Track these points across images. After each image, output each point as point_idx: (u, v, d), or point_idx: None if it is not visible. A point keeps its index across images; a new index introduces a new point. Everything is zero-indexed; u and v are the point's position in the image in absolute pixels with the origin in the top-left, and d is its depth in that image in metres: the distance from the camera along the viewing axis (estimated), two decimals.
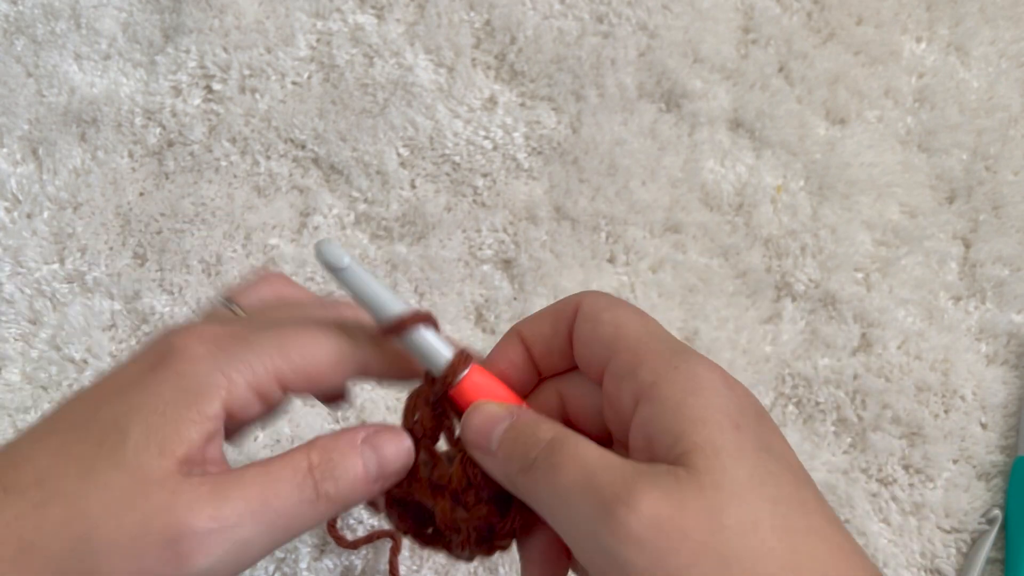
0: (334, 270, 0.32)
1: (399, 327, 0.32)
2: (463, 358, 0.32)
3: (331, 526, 0.49)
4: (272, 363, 0.29)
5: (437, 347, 0.32)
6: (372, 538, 0.49)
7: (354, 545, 0.49)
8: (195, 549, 0.26)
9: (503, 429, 0.30)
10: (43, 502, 0.26)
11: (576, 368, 0.32)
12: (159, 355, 0.29)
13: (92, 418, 0.28)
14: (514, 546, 0.34)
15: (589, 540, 0.26)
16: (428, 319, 0.32)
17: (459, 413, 0.32)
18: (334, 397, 0.36)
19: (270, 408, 0.31)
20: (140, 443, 0.27)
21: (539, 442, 0.28)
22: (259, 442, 0.52)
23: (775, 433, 0.28)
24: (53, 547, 0.26)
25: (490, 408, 0.31)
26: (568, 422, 0.32)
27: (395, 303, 0.32)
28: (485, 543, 0.33)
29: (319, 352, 0.30)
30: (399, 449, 0.31)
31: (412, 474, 0.32)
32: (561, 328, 0.31)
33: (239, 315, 0.34)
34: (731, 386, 0.28)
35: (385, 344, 0.32)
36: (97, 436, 0.27)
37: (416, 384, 0.34)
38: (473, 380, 0.32)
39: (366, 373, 0.32)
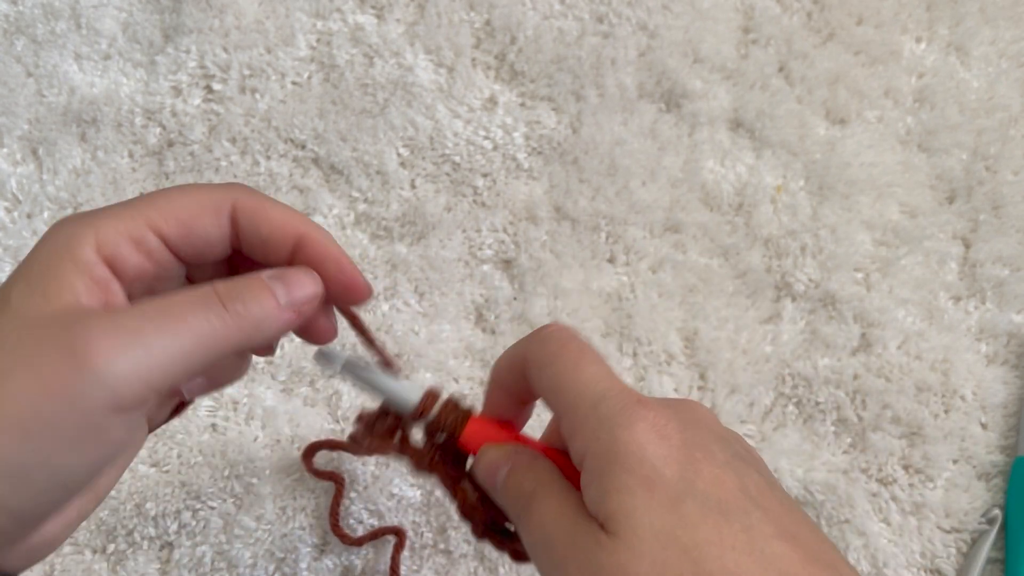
0: (332, 375, 0.35)
1: (423, 410, 0.36)
2: (461, 416, 0.36)
3: (334, 525, 0.49)
4: (140, 212, 0.30)
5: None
6: (376, 535, 0.49)
7: (358, 542, 0.49)
8: (97, 352, 0.26)
9: (504, 475, 0.33)
10: None
11: None
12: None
13: None
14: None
15: None
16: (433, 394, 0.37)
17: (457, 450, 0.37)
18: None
19: (154, 261, 0.31)
20: (23, 293, 0.28)
21: (523, 496, 0.32)
22: (259, 442, 0.52)
23: (709, 464, 0.29)
24: None
25: (492, 454, 0.35)
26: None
27: (407, 389, 0.36)
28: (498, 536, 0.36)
29: (187, 198, 0.31)
30: (306, 279, 0.32)
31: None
32: (519, 377, 0.34)
33: None
34: (660, 436, 0.29)
35: (255, 196, 0.32)
36: None
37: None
38: (472, 429, 0.36)
39: (242, 220, 0.32)
